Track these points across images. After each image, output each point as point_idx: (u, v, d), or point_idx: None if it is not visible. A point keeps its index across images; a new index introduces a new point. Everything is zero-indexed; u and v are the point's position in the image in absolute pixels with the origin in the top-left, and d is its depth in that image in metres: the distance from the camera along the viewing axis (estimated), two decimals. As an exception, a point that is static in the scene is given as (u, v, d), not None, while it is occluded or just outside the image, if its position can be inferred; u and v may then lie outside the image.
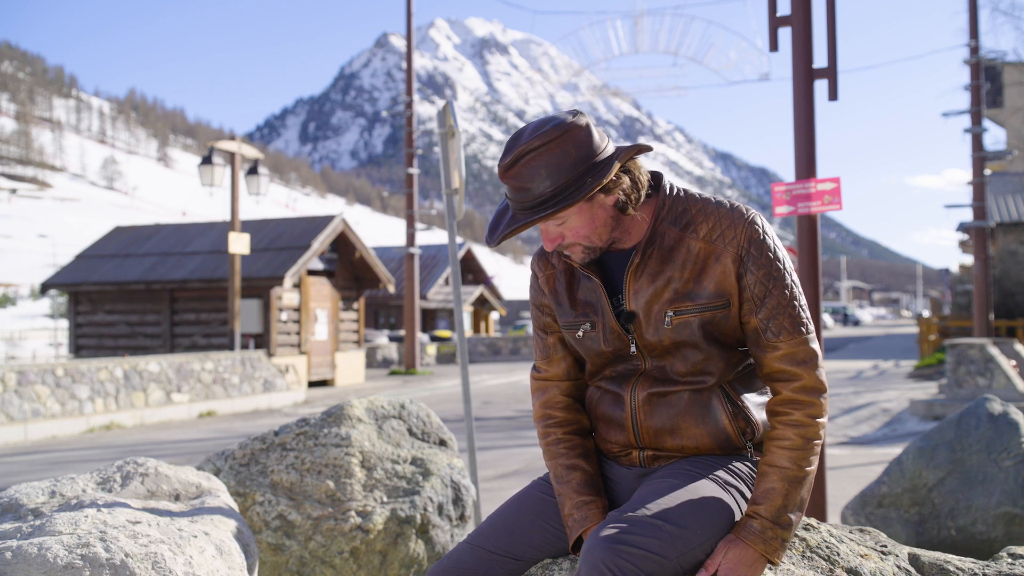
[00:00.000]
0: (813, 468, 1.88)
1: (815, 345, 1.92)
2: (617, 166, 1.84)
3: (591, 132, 1.85)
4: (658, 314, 1.93)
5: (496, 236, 1.87)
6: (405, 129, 23.74)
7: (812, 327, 1.93)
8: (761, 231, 1.93)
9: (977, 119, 18.11)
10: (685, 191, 2.01)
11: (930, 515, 4.48)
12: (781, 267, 1.92)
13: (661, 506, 1.77)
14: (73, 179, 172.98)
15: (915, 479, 4.57)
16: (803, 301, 1.94)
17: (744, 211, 1.95)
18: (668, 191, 1.99)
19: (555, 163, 1.82)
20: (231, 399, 16.26)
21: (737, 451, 1.99)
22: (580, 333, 2.02)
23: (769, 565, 1.87)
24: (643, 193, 1.94)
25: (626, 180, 1.90)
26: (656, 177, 2.01)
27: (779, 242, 1.96)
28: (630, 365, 2.01)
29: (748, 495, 1.93)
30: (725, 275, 1.91)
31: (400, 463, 3.68)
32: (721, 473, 1.92)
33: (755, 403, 2.00)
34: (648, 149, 1.90)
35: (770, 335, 1.90)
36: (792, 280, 1.93)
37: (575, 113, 1.86)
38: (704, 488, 1.85)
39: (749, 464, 1.99)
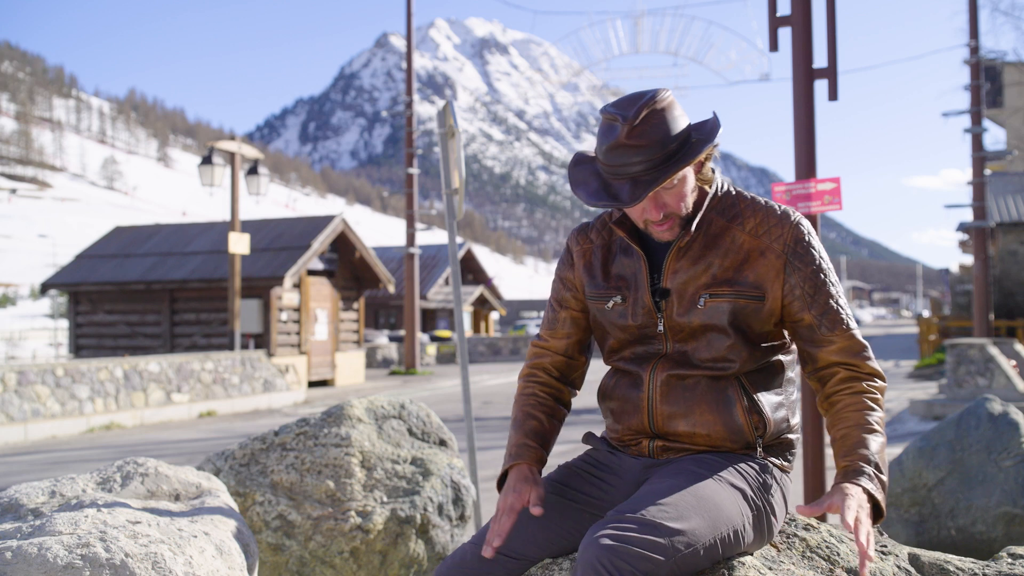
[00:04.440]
0: (885, 436, 1.92)
1: (863, 339, 2.00)
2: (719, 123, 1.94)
3: None
4: (693, 295, 1.98)
5: (638, 197, 1.86)
6: (405, 129, 23.74)
7: (856, 322, 2.04)
8: (807, 232, 2.01)
9: (977, 119, 18.11)
10: (735, 187, 2.09)
11: (930, 515, 4.47)
12: (827, 266, 2.01)
13: (662, 506, 1.76)
14: (73, 179, 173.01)
15: (915, 479, 4.56)
16: (845, 300, 2.03)
17: (791, 212, 2.03)
18: (720, 184, 2.07)
19: (674, 122, 1.90)
20: (231, 399, 16.26)
21: (747, 448, 2.00)
22: (609, 304, 2.06)
23: (874, 511, 1.82)
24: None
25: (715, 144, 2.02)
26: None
27: (821, 245, 2.05)
28: (651, 348, 2.04)
29: (754, 498, 1.92)
30: (767, 270, 1.97)
31: (400, 463, 3.68)
32: (727, 474, 1.91)
33: (770, 402, 2.02)
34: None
35: (824, 330, 1.97)
36: (835, 279, 2.03)
37: (658, 89, 1.95)
38: (708, 489, 1.85)
39: (756, 467, 1.98)
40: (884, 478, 1.85)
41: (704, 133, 1.92)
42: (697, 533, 1.76)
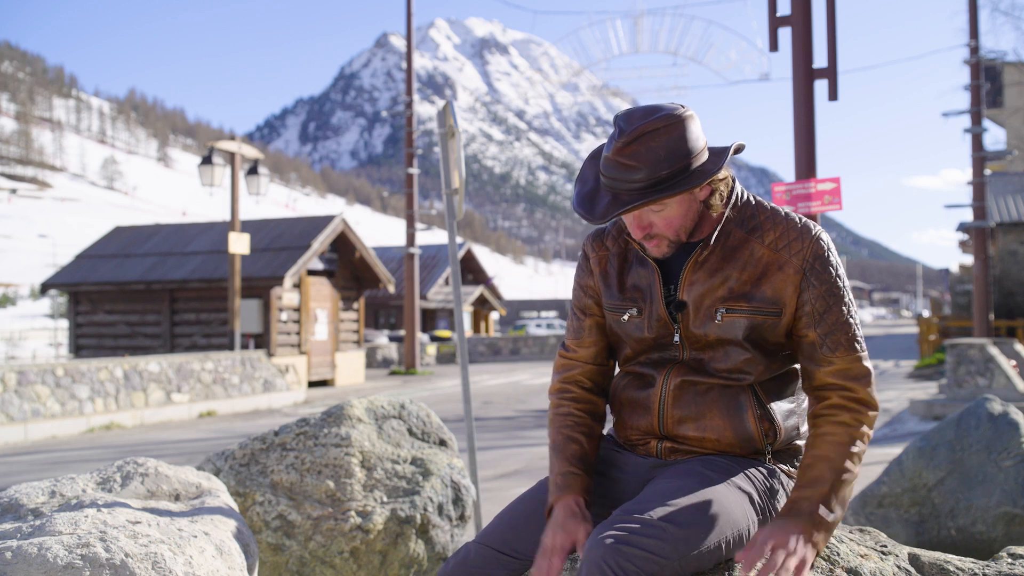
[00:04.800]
0: (856, 471, 1.88)
1: (869, 364, 1.95)
2: (728, 158, 1.89)
3: (699, 124, 1.90)
4: (709, 309, 1.96)
5: (607, 216, 1.84)
6: (405, 129, 23.75)
7: (865, 347, 1.97)
8: (826, 248, 1.96)
9: (977, 119, 18.12)
10: (756, 198, 2.05)
11: (930, 515, 4.48)
12: (842, 285, 1.96)
13: (669, 507, 1.76)
14: (73, 179, 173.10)
15: (915, 479, 4.56)
16: (859, 320, 1.98)
17: (811, 226, 1.99)
18: (740, 195, 2.03)
19: (673, 147, 1.83)
20: (231, 399, 16.26)
21: (756, 454, 1.99)
22: (625, 317, 2.04)
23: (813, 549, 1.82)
24: (731, 193, 2.00)
25: (728, 176, 1.96)
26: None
27: (840, 261, 2.00)
28: (667, 354, 2.02)
29: (760, 502, 1.92)
30: (785, 284, 1.94)
31: (400, 463, 3.68)
32: (735, 478, 1.91)
33: (782, 410, 2.01)
34: (743, 148, 1.95)
35: (826, 350, 1.93)
36: (850, 299, 1.97)
37: (680, 107, 1.90)
38: (715, 492, 1.84)
39: (764, 472, 1.97)
40: (831, 517, 1.82)
41: (711, 164, 1.87)
42: (702, 535, 1.76)
